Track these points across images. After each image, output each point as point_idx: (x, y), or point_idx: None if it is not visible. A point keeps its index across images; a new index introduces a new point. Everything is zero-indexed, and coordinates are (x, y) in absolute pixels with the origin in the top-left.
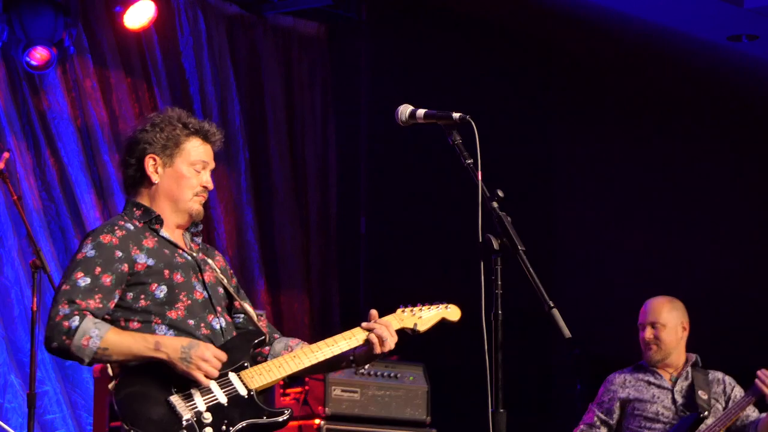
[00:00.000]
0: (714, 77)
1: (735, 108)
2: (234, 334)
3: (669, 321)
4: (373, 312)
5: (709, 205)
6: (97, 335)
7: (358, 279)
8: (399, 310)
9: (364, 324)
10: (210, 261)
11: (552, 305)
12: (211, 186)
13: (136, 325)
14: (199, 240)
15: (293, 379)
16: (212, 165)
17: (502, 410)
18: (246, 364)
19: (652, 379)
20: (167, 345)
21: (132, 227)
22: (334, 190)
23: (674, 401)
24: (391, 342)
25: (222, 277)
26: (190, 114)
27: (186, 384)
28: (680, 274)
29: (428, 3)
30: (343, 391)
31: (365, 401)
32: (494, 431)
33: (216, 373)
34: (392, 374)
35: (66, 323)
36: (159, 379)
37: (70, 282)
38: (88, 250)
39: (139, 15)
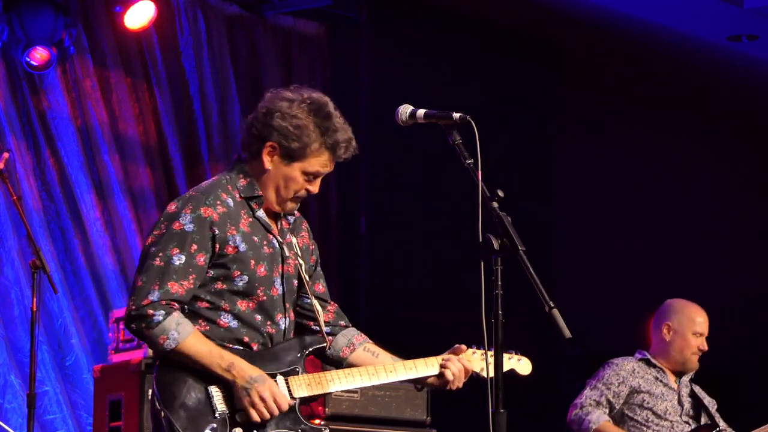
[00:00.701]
0: (714, 77)
1: (735, 108)
2: (292, 334)
3: None
4: (460, 347)
5: (709, 204)
6: (175, 339)
7: (358, 279)
8: (470, 351)
9: (442, 357)
10: (295, 241)
11: (552, 305)
12: (316, 191)
13: (204, 305)
14: (291, 218)
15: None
16: (330, 170)
17: (502, 410)
18: (298, 369)
19: (659, 376)
20: (239, 369)
21: (232, 202)
22: (334, 190)
23: (681, 403)
24: (458, 384)
25: (302, 262)
26: (338, 118)
27: None
28: (680, 274)
29: (428, 3)
30: (343, 391)
31: (365, 401)
32: (494, 431)
33: (267, 416)
34: None
35: (151, 311)
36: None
37: (164, 258)
38: (187, 223)
39: (139, 15)
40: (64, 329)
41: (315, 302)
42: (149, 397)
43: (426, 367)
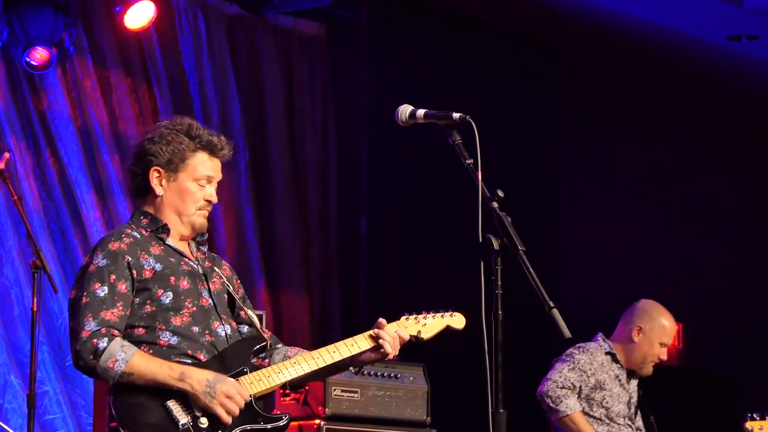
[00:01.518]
0: (714, 77)
1: (735, 108)
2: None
3: None
4: (382, 321)
5: (708, 204)
6: (123, 359)
7: (358, 279)
8: (403, 318)
9: (372, 331)
10: (217, 269)
11: (552, 305)
12: (214, 200)
13: (141, 331)
14: (205, 249)
15: (294, 387)
16: (218, 177)
17: (502, 410)
18: (245, 370)
19: (619, 375)
20: (192, 377)
21: (139, 235)
22: (334, 190)
23: (628, 406)
24: (394, 351)
25: (228, 284)
26: (200, 126)
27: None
28: (680, 274)
29: (428, 3)
30: (343, 391)
31: (365, 401)
32: (494, 431)
33: (237, 411)
34: (392, 374)
35: (94, 341)
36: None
37: (89, 294)
38: (100, 260)
39: (139, 15)
40: (64, 329)
41: (253, 316)
42: (117, 424)
43: (365, 341)
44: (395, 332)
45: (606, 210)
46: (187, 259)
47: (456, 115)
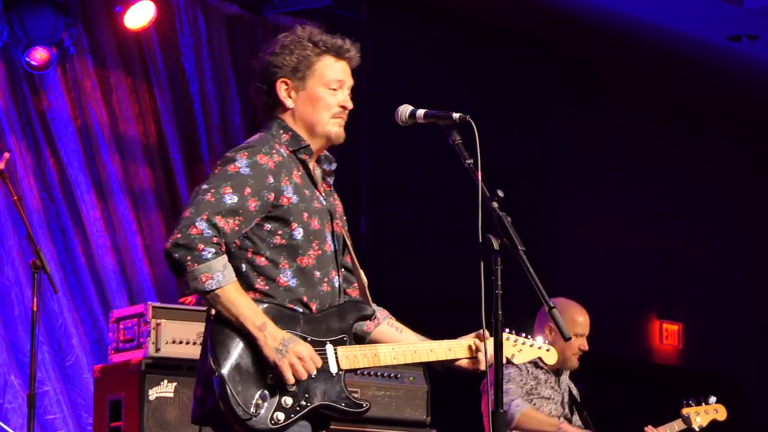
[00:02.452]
0: (714, 77)
1: (735, 108)
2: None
3: None
4: (486, 333)
5: (708, 205)
6: (218, 281)
7: None
8: (504, 335)
9: (472, 342)
10: (338, 206)
11: (552, 305)
12: (350, 105)
13: (263, 262)
14: (331, 181)
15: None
16: (350, 82)
17: (502, 410)
18: (345, 339)
19: (547, 378)
20: (270, 331)
21: (285, 154)
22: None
23: (563, 405)
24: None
25: (344, 226)
26: (321, 31)
27: None
28: (680, 275)
29: (428, 3)
30: None
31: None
32: (494, 431)
33: (304, 375)
34: (392, 374)
35: (200, 246)
36: None
37: (217, 194)
38: (243, 166)
39: (139, 15)
40: (64, 329)
41: (360, 271)
42: (207, 353)
43: (461, 350)
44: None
45: (605, 210)
46: (318, 193)
47: (456, 115)
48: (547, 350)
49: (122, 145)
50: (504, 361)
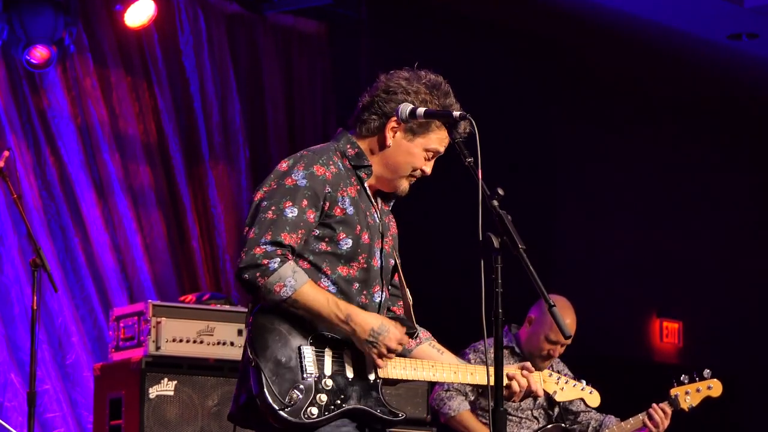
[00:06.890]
0: (714, 76)
1: (735, 106)
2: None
3: None
4: (528, 365)
5: (708, 204)
6: (292, 286)
7: None
8: (546, 372)
9: (513, 369)
10: (392, 227)
11: (552, 304)
12: (429, 172)
13: (305, 265)
14: (391, 203)
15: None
16: (442, 152)
17: (502, 409)
18: None
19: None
20: (358, 321)
21: (342, 167)
22: None
23: (534, 398)
24: (519, 399)
25: (395, 248)
26: (451, 96)
27: (324, 340)
28: (680, 274)
29: (428, 2)
30: None
31: None
32: (494, 430)
33: (393, 357)
34: None
35: (265, 261)
36: (301, 321)
37: (278, 211)
38: (300, 178)
39: (140, 14)
40: (64, 328)
41: (407, 291)
42: (246, 346)
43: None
44: (526, 380)
45: (607, 208)
46: (373, 210)
47: (456, 114)
48: (590, 393)
49: (122, 143)
50: (542, 393)
